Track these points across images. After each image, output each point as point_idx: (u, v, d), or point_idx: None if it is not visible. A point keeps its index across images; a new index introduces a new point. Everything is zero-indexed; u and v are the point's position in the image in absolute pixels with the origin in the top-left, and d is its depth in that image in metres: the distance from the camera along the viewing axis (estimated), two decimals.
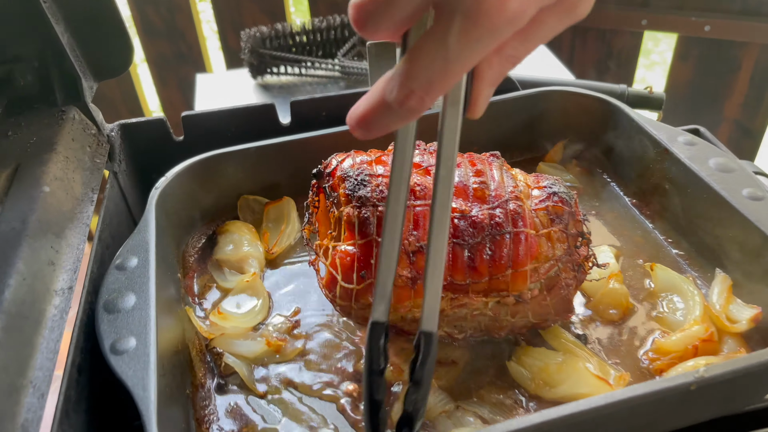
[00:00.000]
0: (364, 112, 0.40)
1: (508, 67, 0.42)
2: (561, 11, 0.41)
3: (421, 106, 0.38)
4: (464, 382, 0.67)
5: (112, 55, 0.80)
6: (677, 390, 0.53)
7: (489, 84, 0.42)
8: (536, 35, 0.41)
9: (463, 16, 0.36)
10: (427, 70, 0.37)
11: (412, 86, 0.38)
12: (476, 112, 0.44)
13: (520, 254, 0.62)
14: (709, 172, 0.73)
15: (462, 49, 0.37)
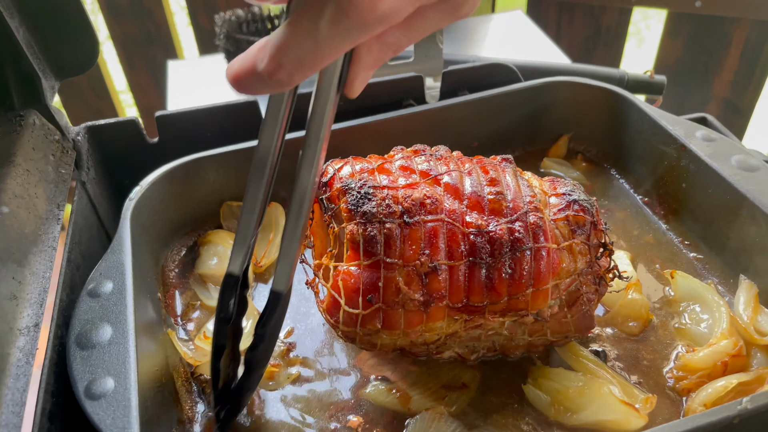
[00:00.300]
0: (236, 72, 0.40)
1: (389, 54, 0.43)
2: (443, 9, 0.41)
3: (290, 80, 0.39)
4: (477, 407, 0.62)
5: (75, 50, 0.72)
6: (720, 424, 0.48)
7: (366, 67, 0.43)
8: (418, 28, 0.42)
9: (335, 5, 0.36)
10: (298, 48, 0.37)
11: (281, 60, 0.38)
12: (352, 92, 0.45)
13: (541, 271, 0.57)
14: (732, 171, 0.68)
15: (332, 36, 0.37)
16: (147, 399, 0.54)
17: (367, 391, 0.63)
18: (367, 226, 0.56)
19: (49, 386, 0.53)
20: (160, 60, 2.11)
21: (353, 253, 0.57)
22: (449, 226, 0.56)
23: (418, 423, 0.60)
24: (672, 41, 1.87)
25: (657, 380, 0.62)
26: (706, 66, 1.88)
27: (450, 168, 0.61)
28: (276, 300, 0.52)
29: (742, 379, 0.59)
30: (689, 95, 1.95)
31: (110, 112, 2.14)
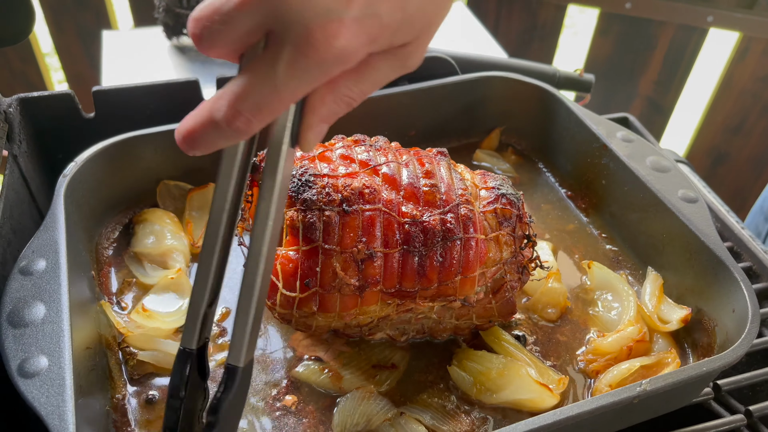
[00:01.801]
0: (191, 128, 0.39)
1: (343, 107, 0.43)
2: (393, 60, 0.43)
3: (249, 128, 0.39)
4: (405, 386, 0.65)
5: (8, 20, 0.69)
6: (621, 403, 0.54)
7: (320, 119, 0.43)
8: (369, 78, 0.43)
9: (292, 46, 0.37)
10: (256, 94, 0.38)
11: (240, 107, 0.38)
12: (305, 144, 0.44)
13: (470, 260, 0.60)
14: (646, 171, 0.74)
15: (290, 78, 0.38)
16: (81, 377, 0.54)
17: (300, 371, 0.65)
18: (307, 212, 0.58)
19: None
20: (91, 26, 2.02)
21: (292, 238, 0.59)
22: (386, 216, 0.59)
23: (348, 402, 0.62)
24: (603, 39, 1.96)
25: (570, 362, 0.68)
26: (632, 65, 1.98)
27: (388, 159, 0.63)
28: (231, 376, 0.48)
29: (644, 363, 0.65)
30: (617, 92, 2.05)
31: (35, 77, 2.04)
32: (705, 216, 0.68)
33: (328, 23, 0.37)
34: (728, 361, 0.56)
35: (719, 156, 2.06)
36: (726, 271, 0.64)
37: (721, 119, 1.98)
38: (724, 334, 0.63)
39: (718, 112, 1.97)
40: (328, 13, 0.37)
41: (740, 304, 0.61)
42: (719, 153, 2.06)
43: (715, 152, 2.06)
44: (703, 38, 1.85)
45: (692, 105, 2.16)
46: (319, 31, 0.37)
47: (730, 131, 2.00)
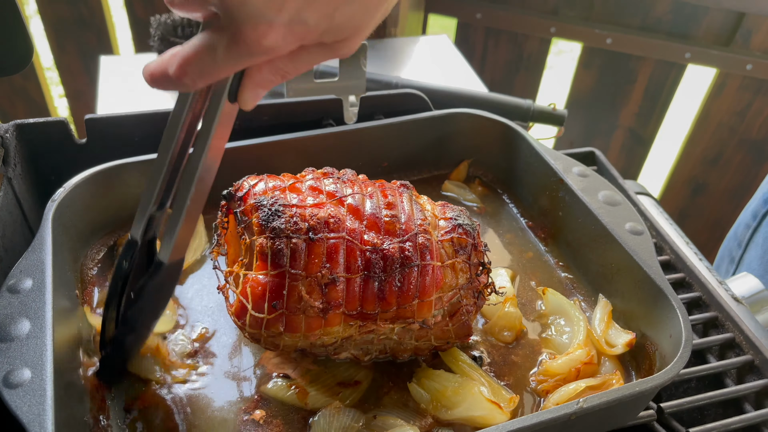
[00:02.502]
0: (152, 71, 0.50)
1: (278, 78, 0.53)
2: (324, 50, 0.51)
3: (193, 84, 0.49)
4: (366, 402, 0.70)
5: (8, 52, 0.75)
6: (560, 419, 0.58)
7: (256, 84, 0.53)
8: (303, 59, 0.51)
9: (229, 35, 0.46)
10: (199, 62, 0.48)
11: (186, 69, 0.48)
12: (243, 103, 0.54)
13: (426, 285, 0.65)
14: (598, 204, 0.80)
15: (227, 59, 0.48)
16: (62, 389, 0.59)
17: (269, 387, 0.70)
18: (276, 240, 0.63)
19: None
20: (92, 47, 2.08)
21: (262, 263, 0.64)
22: (349, 243, 0.64)
23: (321, 420, 0.67)
24: (585, 72, 2.03)
25: (523, 382, 0.72)
26: (614, 97, 2.05)
27: (354, 191, 0.69)
28: (157, 268, 0.60)
29: (590, 384, 0.69)
30: (599, 123, 2.12)
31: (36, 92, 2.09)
32: (649, 248, 0.74)
33: (259, 25, 0.45)
34: (660, 382, 0.61)
35: (698, 186, 2.13)
36: (665, 300, 0.69)
37: (700, 151, 2.05)
38: (663, 358, 0.68)
39: (696, 144, 2.04)
40: (260, 16, 0.45)
41: (676, 330, 0.66)
42: (698, 184, 2.12)
43: (693, 183, 2.12)
44: (682, 73, 1.93)
45: (672, 137, 2.22)
46: (250, 30, 0.45)
47: (708, 163, 2.06)
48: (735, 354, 0.79)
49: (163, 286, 0.62)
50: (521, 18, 1.96)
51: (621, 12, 1.88)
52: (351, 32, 0.50)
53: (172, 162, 0.59)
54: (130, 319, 0.63)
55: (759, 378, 0.76)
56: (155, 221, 0.62)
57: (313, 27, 0.47)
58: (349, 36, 0.50)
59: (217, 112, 0.55)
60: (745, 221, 1.25)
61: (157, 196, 0.60)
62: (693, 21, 1.83)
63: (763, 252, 1.17)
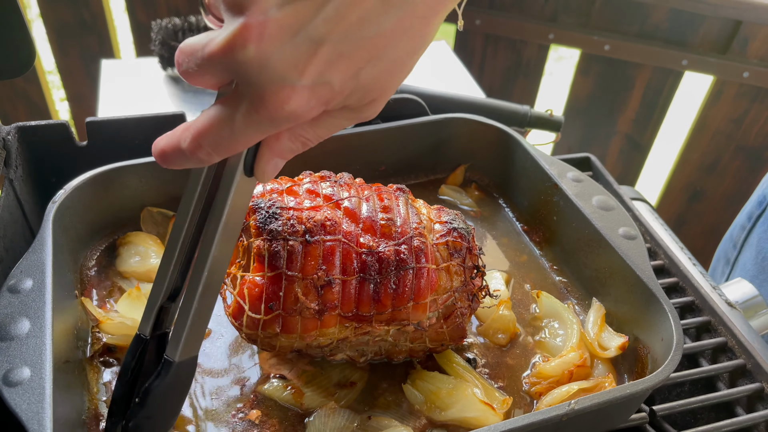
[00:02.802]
0: (163, 148, 0.46)
1: (299, 146, 0.48)
2: (348, 113, 0.47)
3: (209, 159, 0.45)
4: (361, 403, 0.71)
5: (12, 55, 0.76)
6: (552, 420, 0.59)
7: (275, 155, 0.48)
8: (325, 125, 0.47)
9: (249, 103, 0.42)
10: (216, 134, 0.44)
11: (201, 142, 0.44)
12: (261, 175, 0.49)
13: (421, 287, 0.66)
14: (592, 209, 0.81)
15: (246, 128, 0.43)
16: (60, 388, 0.59)
17: (265, 388, 0.71)
18: (273, 242, 0.64)
19: None
20: (94, 51, 2.09)
21: (259, 265, 0.65)
22: (345, 246, 0.65)
23: (316, 420, 0.68)
24: (583, 79, 2.04)
25: (516, 384, 0.73)
26: (612, 104, 2.07)
27: (351, 194, 0.70)
28: (166, 368, 0.52)
29: (583, 386, 0.70)
30: (597, 129, 2.13)
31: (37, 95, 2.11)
32: (642, 252, 0.75)
33: (281, 89, 0.41)
34: (651, 384, 0.62)
35: (695, 193, 2.14)
36: (657, 303, 0.69)
37: (697, 158, 2.06)
38: (655, 361, 0.69)
39: (693, 151, 2.05)
40: (282, 80, 0.41)
41: (667, 333, 0.67)
42: (695, 190, 2.13)
43: (691, 189, 2.14)
44: (679, 80, 1.94)
45: (669, 143, 2.24)
46: (271, 95, 0.41)
47: (705, 170, 2.08)
48: (727, 358, 0.80)
49: (173, 388, 0.54)
50: (520, 24, 1.97)
51: (619, 19, 1.90)
52: (377, 94, 0.46)
53: (185, 248, 0.53)
54: (134, 429, 0.55)
55: (751, 382, 0.77)
56: (166, 313, 0.55)
57: (338, 89, 0.43)
58: (376, 98, 0.46)
59: (231, 189, 0.49)
60: (741, 223, 1.26)
61: (167, 287, 0.54)
62: (690, 28, 1.84)
63: (757, 252, 1.18)
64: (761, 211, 1.21)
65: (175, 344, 0.52)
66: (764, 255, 1.17)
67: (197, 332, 0.53)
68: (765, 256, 1.16)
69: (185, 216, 0.52)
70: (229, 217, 0.50)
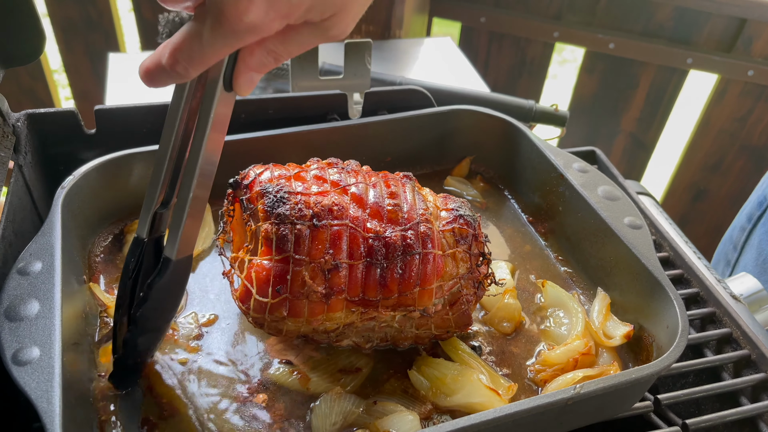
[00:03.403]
0: (147, 66, 0.51)
1: (271, 60, 0.53)
2: (313, 29, 0.51)
3: (186, 73, 0.49)
4: (367, 389, 0.71)
5: (22, 42, 0.76)
6: (557, 404, 0.59)
7: (249, 68, 0.53)
8: (293, 41, 0.52)
9: (212, 17, 0.47)
10: (188, 49, 0.49)
11: (178, 57, 0.49)
12: (238, 88, 0.54)
13: (427, 273, 0.66)
14: (597, 199, 0.81)
15: (213, 41, 0.48)
16: (68, 368, 0.60)
17: (272, 372, 0.71)
18: (281, 226, 0.64)
19: None
20: (100, 47, 2.11)
21: (266, 248, 0.65)
22: (352, 231, 0.66)
23: (321, 404, 0.68)
24: (588, 77, 2.05)
25: (521, 372, 0.73)
26: (616, 102, 2.07)
27: (358, 180, 0.70)
28: (164, 265, 0.59)
29: (588, 373, 0.70)
30: (601, 127, 2.13)
31: (43, 93, 2.12)
32: (647, 242, 0.75)
33: (239, 2, 0.45)
34: (656, 370, 0.62)
35: (699, 192, 2.14)
36: (662, 291, 0.70)
37: (701, 157, 2.06)
38: (660, 349, 0.69)
39: (697, 150, 2.05)
40: None
41: (672, 321, 0.67)
42: (699, 189, 2.13)
43: (694, 188, 2.14)
44: (683, 79, 1.94)
45: (673, 142, 2.24)
46: (230, 7, 0.46)
47: (708, 169, 2.08)
48: (732, 349, 0.80)
49: (172, 283, 0.60)
50: (525, 22, 1.98)
51: (624, 17, 1.90)
52: (337, 8, 0.50)
53: (173, 157, 0.59)
54: (141, 320, 0.61)
55: (755, 372, 0.77)
56: (161, 218, 0.61)
57: (295, 2, 0.47)
58: (336, 12, 0.50)
59: (214, 101, 0.54)
60: (741, 224, 1.26)
61: (160, 193, 0.59)
62: (695, 27, 1.84)
63: (758, 254, 1.18)
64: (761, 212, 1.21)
65: (171, 244, 0.58)
66: (765, 256, 1.17)
67: (191, 233, 0.58)
68: (766, 258, 1.17)
69: (172, 127, 0.57)
70: (213, 128, 0.55)
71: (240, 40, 0.48)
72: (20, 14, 0.75)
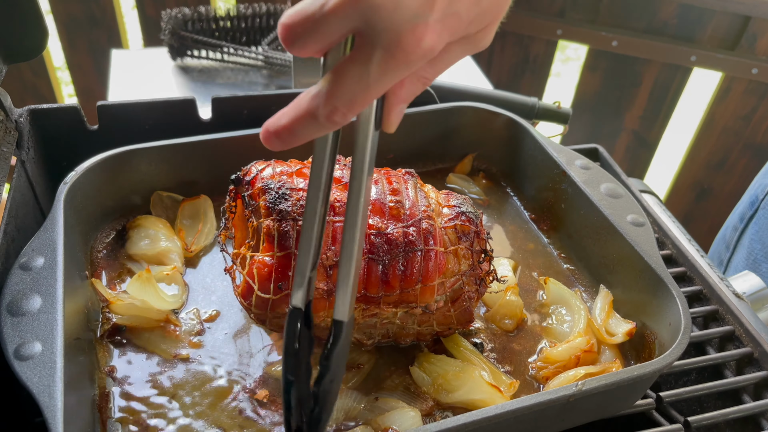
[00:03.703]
0: (288, 123, 0.45)
1: (420, 88, 0.49)
2: (466, 44, 0.48)
3: (344, 120, 0.44)
4: (368, 385, 0.71)
5: (25, 38, 0.77)
6: (559, 401, 0.59)
7: (401, 101, 0.48)
8: (444, 62, 0.48)
9: (383, 49, 0.42)
10: (349, 92, 0.43)
11: (336, 103, 0.43)
12: (389, 125, 0.49)
13: (429, 270, 0.66)
14: (600, 196, 0.81)
15: (381, 76, 0.43)
16: (70, 363, 0.60)
17: (273, 369, 0.71)
18: (282, 222, 0.64)
19: None
20: (102, 44, 2.11)
21: (268, 245, 0.65)
22: None
23: None
24: (591, 75, 2.04)
25: (523, 369, 0.73)
26: (619, 100, 2.06)
27: None
28: (338, 330, 0.53)
29: (590, 371, 0.70)
30: (604, 125, 2.13)
31: (46, 89, 2.12)
32: (650, 239, 0.75)
33: (416, 27, 0.41)
34: (658, 367, 0.62)
35: (702, 191, 2.13)
36: (665, 288, 0.70)
37: (704, 155, 2.05)
38: (662, 347, 0.69)
39: (701, 148, 2.05)
40: (416, 18, 0.41)
41: (675, 318, 0.67)
42: (702, 188, 2.13)
43: (698, 187, 2.13)
44: (687, 77, 1.94)
45: (677, 141, 2.23)
46: (408, 35, 0.41)
47: (712, 167, 2.07)
48: (734, 347, 0.80)
49: (345, 347, 0.55)
50: (528, 20, 1.97)
51: (627, 15, 1.89)
52: (492, 17, 0.47)
53: (321, 218, 0.53)
54: (323, 394, 0.55)
55: (758, 370, 0.76)
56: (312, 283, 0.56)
57: (464, 17, 0.44)
58: (490, 22, 0.47)
59: (368, 144, 0.49)
60: (733, 224, 1.26)
61: (312, 255, 0.54)
62: (699, 24, 1.84)
63: (749, 253, 1.18)
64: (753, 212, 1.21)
65: (342, 305, 0.53)
66: (755, 257, 1.17)
67: (355, 290, 0.54)
68: (756, 258, 1.16)
69: (318, 185, 0.52)
70: (368, 172, 0.50)
71: (411, 70, 0.44)
72: (23, 10, 0.75)
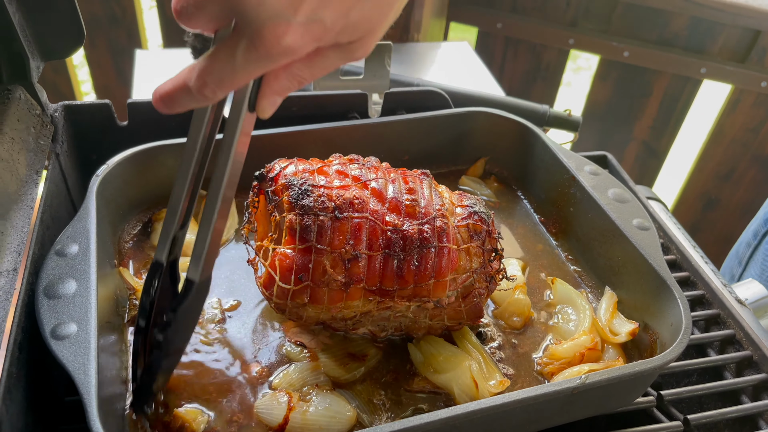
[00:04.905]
0: (168, 90, 0.50)
1: (295, 84, 0.53)
2: (340, 52, 0.52)
3: (213, 95, 0.49)
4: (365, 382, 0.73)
5: (62, 37, 0.81)
6: (563, 392, 0.62)
7: (273, 92, 0.53)
8: (319, 64, 0.52)
9: (248, 39, 0.47)
10: (219, 71, 0.48)
11: (206, 79, 0.48)
12: (261, 111, 0.54)
13: (442, 266, 0.70)
14: (607, 201, 0.84)
15: (246, 64, 0.48)
16: (103, 344, 0.64)
17: (284, 351, 0.75)
18: (304, 217, 0.68)
19: (21, 322, 0.63)
20: (122, 43, 2.16)
21: (290, 238, 0.68)
22: (371, 223, 0.69)
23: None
24: (602, 84, 2.07)
25: (528, 365, 0.76)
26: (629, 110, 2.09)
27: (378, 176, 0.74)
28: (188, 288, 0.58)
29: (593, 368, 0.73)
30: (614, 134, 2.16)
31: (65, 87, 2.17)
32: (655, 243, 0.78)
33: (277, 25, 0.45)
34: (659, 364, 0.65)
35: (710, 202, 2.15)
36: (667, 290, 0.72)
37: (712, 166, 2.08)
38: (663, 346, 0.72)
39: (709, 159, 2.07)
40: (278, 16, 0.45)
41: (676, 318, 0.70)
42: (710, 199, 2.15)
43: (706, 198, 2.15)
44: (697, 88, 1.96)
45: (685, 151, 2.25)
46: (268, 31, 0.46)
47: (720, 178, 2.09)
48: (735, 350, 0.83)
49: (194, 305, 0.61)
50: (540, 29, 2.01)
51: (639, 26, 1.92)
52: (365, 32, 0.50)
53: (192, 182, 0.59)
54: (165, 344, 0.61)
55: (757, 373, 0.79)
56: (178, 242, 0.62)
57: (329, 26, 0.47)
58: (364, 35, 0.51)
59: (238, 124, 0.54)
60: (746, 240, 1.28)
61: (179, 217, 0.60)
62: (709, 37, 1.86)
63: (762, 270, 1.21)
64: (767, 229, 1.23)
65: (195, 267, 0.58)
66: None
67: (213, 256, 0.59)
68: None
69: (192, 153, 0.58)
70: (237, 147, 0.56)
71: (273, 63, 0.48)
72: (61, 9, 0.79)
